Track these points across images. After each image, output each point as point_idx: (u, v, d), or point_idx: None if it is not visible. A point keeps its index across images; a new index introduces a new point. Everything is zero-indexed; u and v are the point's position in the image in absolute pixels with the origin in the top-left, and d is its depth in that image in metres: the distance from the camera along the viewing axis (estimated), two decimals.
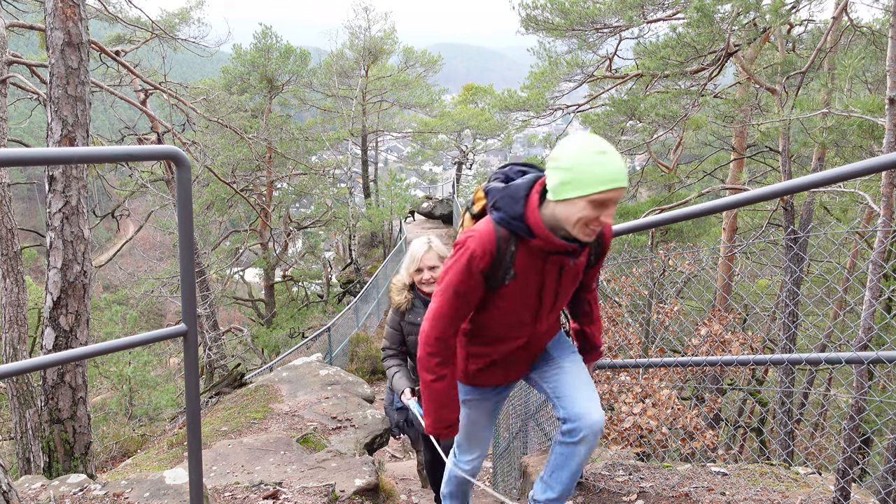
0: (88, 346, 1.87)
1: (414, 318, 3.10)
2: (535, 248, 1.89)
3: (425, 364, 2.05)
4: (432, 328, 2.02)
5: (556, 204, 1.78)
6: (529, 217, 1.84)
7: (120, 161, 2.37)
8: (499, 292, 1.99)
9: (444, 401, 2.09)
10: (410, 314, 3.13)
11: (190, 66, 72.00)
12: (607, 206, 1.73)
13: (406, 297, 3.11)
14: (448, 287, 1.96)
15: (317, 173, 21.65)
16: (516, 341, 2.16)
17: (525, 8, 11.48)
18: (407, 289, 3.12)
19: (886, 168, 1.91)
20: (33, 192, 34.76)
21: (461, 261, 1.92)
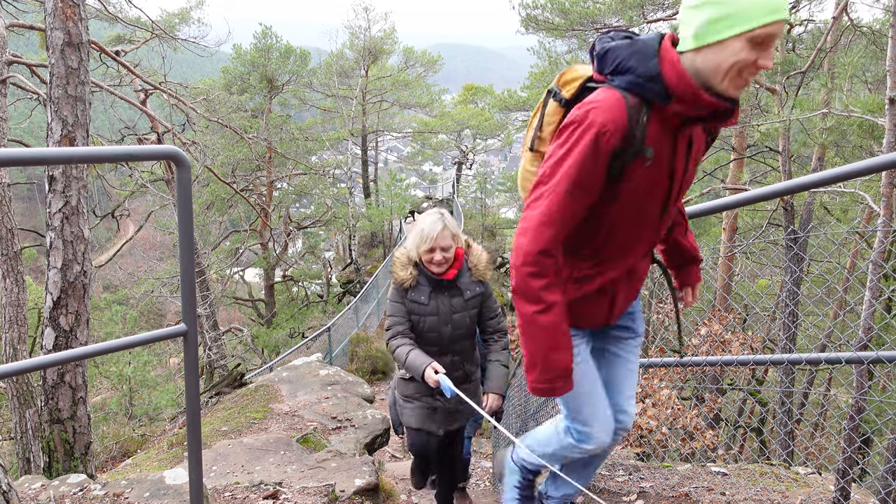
0: (88, 346, 1.87)
1: (418, 296, 2.89)
2: (670, 115, 1.53)
3: (526, 290, 1.58)
4: (535, 240, 1.55)
5: (699, 52, 1.44)
6: (669, 74, 1.47)
7: (120, 161, 2.38)
8: (621, 183, 1.57)
9: (554, 340, 1.60)
10: (415, 292, 2.89)
11: (190, 66, 72.02)
12: (768, 46, 1.39)
13: (411, 273, 2.87)
14: (563, 180, 1.53)
15: (317, 173, 21.65)
16: (631, 257, 1.76)
17: (525, 8, 11.48)
18: (412, 265, 2.88)
19: (886, 168, 1.92)
20: (33, 192, 34.77)
21: (584, 140, 1.50)
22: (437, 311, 2.86)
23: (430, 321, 2.86)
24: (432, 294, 2.86)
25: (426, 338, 2.88)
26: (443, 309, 2.87)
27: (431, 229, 2.76)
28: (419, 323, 2.87)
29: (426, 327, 2.86)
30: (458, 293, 2.89)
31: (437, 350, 2.89)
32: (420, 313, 2.86)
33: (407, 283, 2.86)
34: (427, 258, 2.80)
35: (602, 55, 1.57)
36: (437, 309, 2.86)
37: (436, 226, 2.76)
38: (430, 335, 2.87)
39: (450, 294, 2.88)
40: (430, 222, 2.79)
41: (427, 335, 2.88)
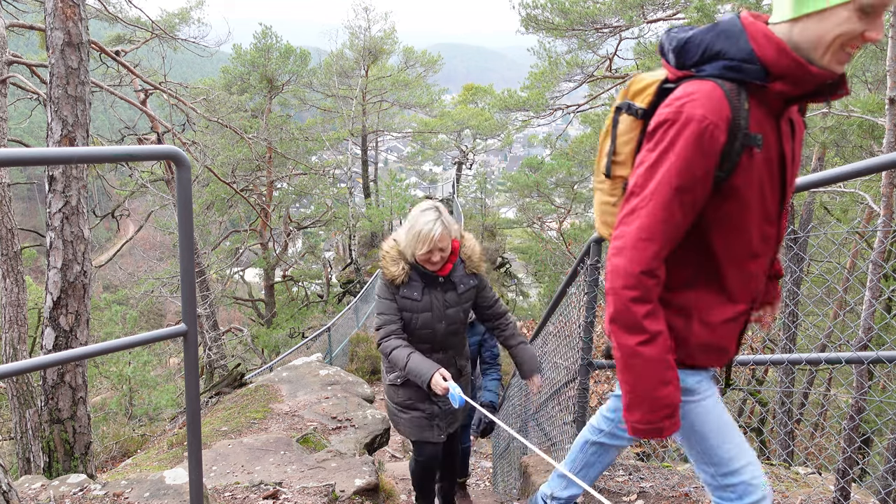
0: (88, 346, 1.87)
1: (410, 293, 2.70)
2: (772, 97, 1.34)
3: (628, 319, 1.36)
4: (635, 258, 1.34)
5: (797, 23, 1.27)
6: (766, 50, 1.29)
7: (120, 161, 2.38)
8: (731, 181, 1.35)
9: (661, 374, 1.37)
10: (406, 288, 2.71)
11: (190, 66, 72.02)
12: (878, 15, 1.21)
13: (403, 269, 2.68)
14: (662, 186, 1.31)
15: (317, 173, 21.65)
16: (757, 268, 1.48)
17: (525, 8, 11.49)
18: (403, 260, 2.69)
19: (886, 168, 1.92)
20: (33, 192, 34.76)
21: (683, 138, 1.30)
22: (430, 307, 2.72)
23: (424, 318, 2.73)
24: (425, 290, 2.72)
25: (418, 335, 2.75)
26: (436, 304, 2.73)
27: (430, 232, 2.55)
28: (412, 320, 2.73)
29: (419, 324, 2.73)
30: (451, 287, 2.75)
31: (430, 347, 2.79)
32: (412, 310, 2.71)
33: (398, 280, 2.69)
34: (423, 259, 2.63)
35: (681, 47, 1.39)
36: (430, 305, 2.72)
37: (435, 227, 2.55)
38: (423, 332, 2.75)
39: (443, 289, 2.74)
40: (427, 222, 2.57)
41: (419, 332, 2.75)
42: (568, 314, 3.37)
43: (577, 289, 3.14)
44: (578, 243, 16.18)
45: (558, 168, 19.52)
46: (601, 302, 3.36)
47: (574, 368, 3.02)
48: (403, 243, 2.67)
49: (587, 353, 2.85)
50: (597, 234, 2.69)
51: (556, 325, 3.73)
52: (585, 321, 2.82)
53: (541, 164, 22.30)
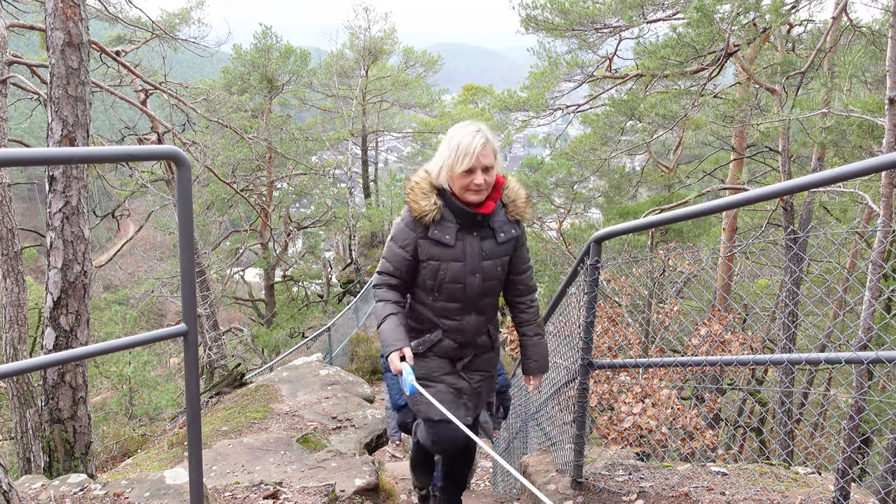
0: (89, 346, 1.87)
1: (442, 235, 2.23)
2: None
3: None
4: None
5: None
6: None
7: (120, 161, 2.38)
8: None
9: None
10: (438, 228, 2.23)
11: (190, 66, 72.01)
12: None
13: (435, 203, 2.22)
14: None
15: (317, 173, 21.66)
16: None
17: (525, 8, 11.48)
18: (436, 193, 2.24)
19: (886, 168, 1.92)
20: (33, 192, 34.76)
21: None
22: (463, 255, 2.26)
23: (454, 269, 2.26)
24: (459, 234, 2.25)
25: (447, 291, 2.29)
26: (471, 253, 2.27)
27: (471, 143, 2.11)
28: (438, 271, 2.26)
29: (448, 276, 2.26)
30: (490, 234, 2.30)
31: (461, 307, 2.33)
32: (441, 258, 2.25)
33: (429, 216, 2.20)
34: (462, 183, 2.16)
35: None
36: (463, 252, 2.26)
37: (476, 139, 2.12)
38: (453, 287, 2.28)
39: (480, 235, 2.29)
40: (467, 134, 2.14)
41: (448, 287, 2.28)
42: (568, 314, 3.37)
43: (577, 289, 3.14)
44: (578, 243, 16.19)
45: (558, 168, 19.52)
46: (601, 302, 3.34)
47: (574, 368, 3.02)
48: (437, 168, 2.24)
49: (587, 353, 2.85)
50: (597, 234, 2.69)
51: (555, 325, 3.73)
52: (585, 321, 2.82)
53: (541, 164, 22.29)
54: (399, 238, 2.30)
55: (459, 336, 2.39)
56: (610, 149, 14.60)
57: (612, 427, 5.59)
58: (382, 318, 2.29)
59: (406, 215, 2.29)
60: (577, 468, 3.00)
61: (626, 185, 17.15)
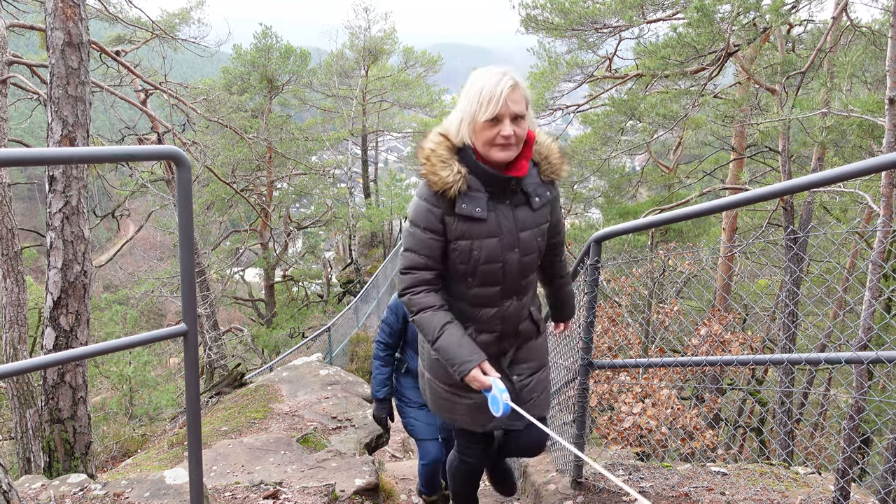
0: (89, 346, 1.87)
1: (471, 208, 1.83)
2: None
3: None
4: None
5: None
6: None
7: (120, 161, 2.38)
8: None
9: None
10: (465, 200, 1.82)
11: (190, 66, 71.98)
12: None
13: (459, 172, 1.80)
14: None
15: (317, 173, 21.66)
16: None
17: (525, 8, 11.48)
18: (456, 158, 1.83)
19: (886, 168, 1.92)
20: (33, 192, 34.76)
21: None
22: (498, 229, 1.87)
23: (490, 247, 1.87)
24: (490, 203, 1.86)
25: (482, 274, 1.90)
26: (506, 225, 1.88)
27: (497, 85, 1.73)
28: (471, 252, 1.87)
29: (483, 256, 1.87)
30: (523, 200, 1.91)
31: (499, 292, 1.95)
32: (473, 235, 1.85)
33: (453, 189, 1.80)
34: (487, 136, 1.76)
35: None
36: (498, 226, 1.87)
37: (503, 81, 1.73)
38: (489, 269, 1.90)
39: (513, 202, 1.90)
40: (492, 76, 1.76)
41: (484, 269, 1.90)
42: None
43: (577, 289, 3.14)
44: (578, 243, 16.19)
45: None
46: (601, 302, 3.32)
47: (574, 368, 3.02)
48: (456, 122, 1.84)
49: (587, 353, 2.85)
50: (597, 234, 2.69)
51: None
52: (585, 321, 2.82)
53: None
54: (421, 220, 1.87)
55: (499, 326, 2.00)
56: (610, 149, 14.60)
57: (612, 427, 5.59)
58: (437, 331, 1.83)
59: (424, 191, 1.87)
60: (577, 468, 3.00)
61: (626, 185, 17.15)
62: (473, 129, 1.81)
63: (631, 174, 18.26)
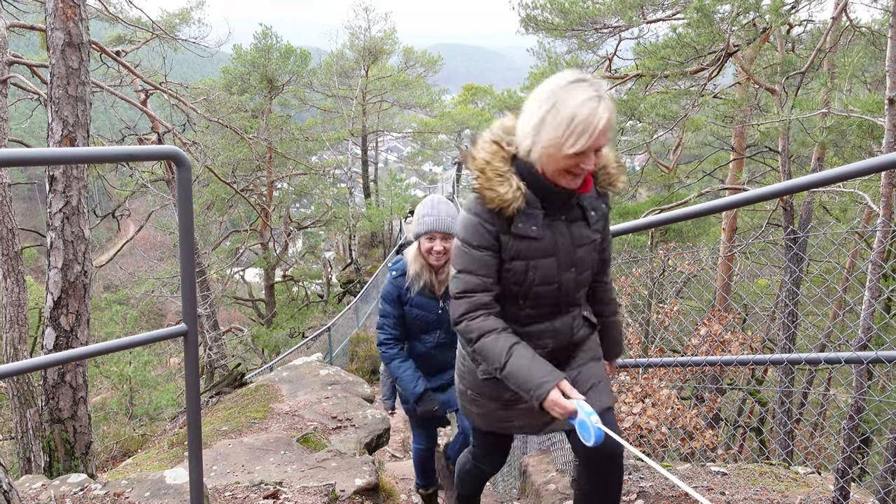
0: (89, 346, 1.88)
1: (527, 227, 1.69)
2: None
3: None
4: None
5: None
6: None
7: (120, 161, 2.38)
8: None
9: None
10: (522, 219, 1.68)
11: (190, 66, 71.99)
12: None
13: (518, 189, 1.65)
14: None
15: (317, 173, 21.67)
16: None
17: (525, 8, 11.48)
18: (513, 171, 1.67)
19: (886, 168, 1.92)
20: (34, 192, 34.78)
21: None
22: (554, 248, 1.74)
23: (546, 267, 1.74)
24: (545, 220, 1.72)
25: (536, 296, 1.78)
26: (563, 244, 1.76)
27: (595, 117, 1.51)
28: (527, 272, 1.74)
29: (538, 278, 1.75)
30: (579, 215, 1.79)
31: (552, 310, 1.83)
32: (529, 255, 1.72)
33: (511, 207, 1.65)
34: (566, 165, 1.59)
35: None
36: (554, 245, 1.74)
37: (600, 111, 1.52)
38: (544, 290, 1.77)
39: (569, 217, 1.77)
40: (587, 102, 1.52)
41: (538, 291, 1.77)
42: None
43: None
44: None
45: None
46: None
47: None
48: (528, 139, 1.62)
49: None
50: None
51: None
52: None
53: None
54: (475, 239, 1.72)
55: (551, 341, 1.87)
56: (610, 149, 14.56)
57: None
58: (504, 356, 1.67)
59: (477, 207, 1.71)
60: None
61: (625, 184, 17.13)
62: (548, 156, 1.61)
63: (631, 174, 18.25)
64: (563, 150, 1.56)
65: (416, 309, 2.85)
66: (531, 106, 1.62)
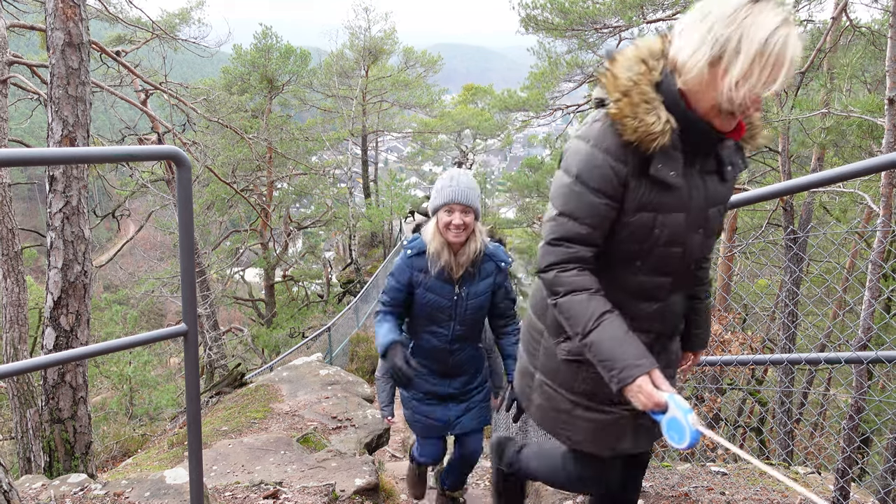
0: (89, 346, 1.88)
1: (666, 172, 1.37)
2: None
3: None
4: None
5: None
6: None
7: (120, 161, 2.38)
8: None
9: None
10: (662, 160, 1.36)
11: (190, 66, 71.98)
12: None
13: (668, 121, 1.33)
14: None
15: (317, 173, 21.68)
16: None
17: (525, 8, 11.49)
18: (660, 98, 1.34)
19: (886, 168, 1.92)
20: (34, 192, 34.78)
21: None
22: (688, 201, 1.43)
23: (675, 224, 1.42)
24: (683, 168, 1.42)
25: (657, 258, 1.46)
26: (696, 198, 1.44)
27: (791, 50, 1.22)
28: (654, 228, 1.42)
29: (665, 236, 1.43)
30: (713, 167, 1.48)
31: (668, 283, 1.52)
32: (659, 207, 1.40)
33: (656, 141, 1.32)
34: (738, 100, 1.27)
35: None
36: (688, 198, 1.43)
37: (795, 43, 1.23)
38: (666, 253, 1.46)
39: (703, 168, 1.46)
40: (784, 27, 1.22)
41: (661, 253, 1.46)
42: None
43: None
44: None
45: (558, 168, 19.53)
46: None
47: None
48: (693, 62, 1.29)
49: None
50: None
51: None
52: None
53: (541, 164, 22.31)
54: (594, 179, 1.38)
55: (658, 325, 1.57)
56: None
57: None
58: (593, 321, 1.39)
59: (606, 139, 1.38)
60: None
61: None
62: (713, 87, 1.30)
63: None
64: (752, 83, 1.25)
65: (429, 293, 2.57)
66: (699, 27, 1.29)
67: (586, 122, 1.47)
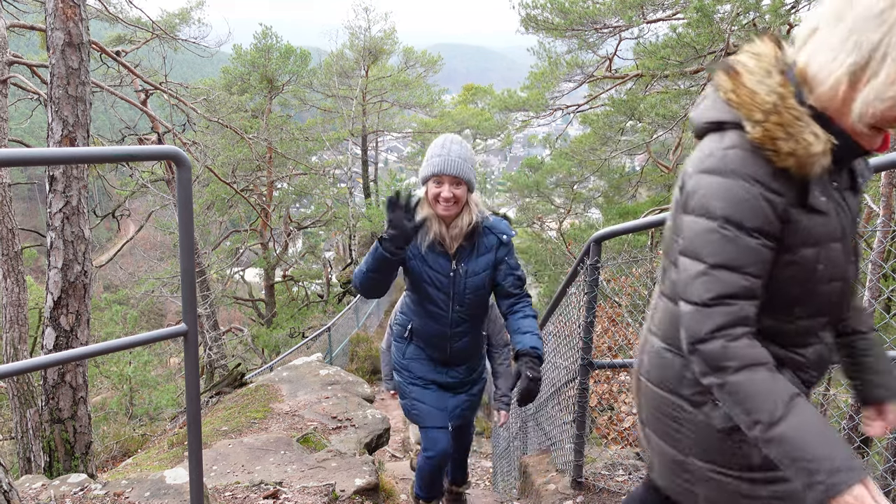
0: (89, 346, 1.88)
1: (817, 199, 1.19)
2: None
3: None
4: None
5: None
6: None
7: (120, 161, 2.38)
8: None
9: None
10: (818, 187, 1.20)
11: (190, 66, 71.99)
12: None
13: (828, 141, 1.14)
14: None
15: (317, 173, 21.68)
16: None
17: (525, 8, 11.49)
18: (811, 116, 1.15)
19: (886, 168, 1.92)
20: (34, 192, 34.79)
21: None
22: (839, 227, 1.23)
23: (835, 256, 1.23)
24: (827, 192, 1.24)
25: (820, 298, 1.25)
26: (846, 222, 1.26)
27: None
28: (817, 265, 1.21)
29: (827, 272, 1.23)
30: (847, 183, 1.29)
31: (825, 324, 1.32)
32: (820, 238, 1.20)
33: (816, 165, 1.13)
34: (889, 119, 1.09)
35: None
36: (838, 223, 1.23)
37: None
38: (830, 290, 1.25)
39: (840, 185, 1.28)
40: None
41: (823, 292, 1.24)
42: (568, 314, 3.38)
43: (576, 289, 3.14)
44: (578, 243, 16.19)
45: (558, 168, 19.54)
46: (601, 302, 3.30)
47: (574, 368, 3.02)
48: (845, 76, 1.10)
49: (587, 353, 2.85)
50: (597, 234, 2.69)
51: (556, 325, 3.74)
52: (585, 321, 2.83)
53: (541, 164, 22.31)
54: (749, 217, 1.15)
55: (815, 374, 1.34)
56: (610, 149, 14.61)
57: (612, 427, 5.59)
58: (783, 408, 1.09)
59: (751, 167, 1.16)
60: (577, 468, 3.00)
61: (625, 185, 17.16)
62: (870, 99, 1.08)
63: (631, 174, 18.27)
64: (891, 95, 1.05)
65: (425, 267, 2.41)
66: (835, 30, 1.10)
67: (705, 151, 1.24)
